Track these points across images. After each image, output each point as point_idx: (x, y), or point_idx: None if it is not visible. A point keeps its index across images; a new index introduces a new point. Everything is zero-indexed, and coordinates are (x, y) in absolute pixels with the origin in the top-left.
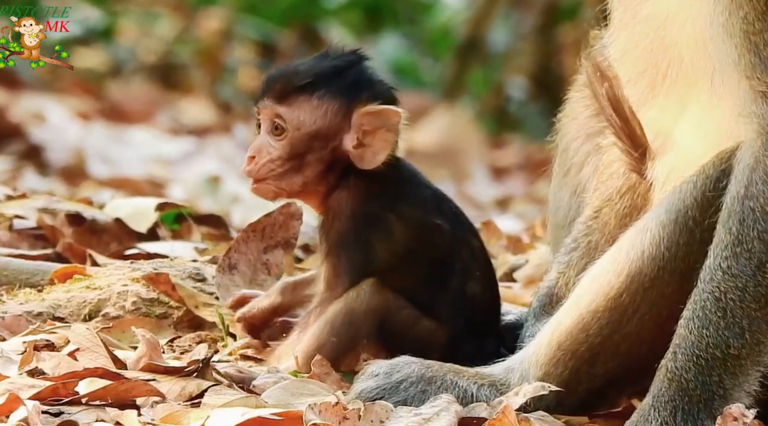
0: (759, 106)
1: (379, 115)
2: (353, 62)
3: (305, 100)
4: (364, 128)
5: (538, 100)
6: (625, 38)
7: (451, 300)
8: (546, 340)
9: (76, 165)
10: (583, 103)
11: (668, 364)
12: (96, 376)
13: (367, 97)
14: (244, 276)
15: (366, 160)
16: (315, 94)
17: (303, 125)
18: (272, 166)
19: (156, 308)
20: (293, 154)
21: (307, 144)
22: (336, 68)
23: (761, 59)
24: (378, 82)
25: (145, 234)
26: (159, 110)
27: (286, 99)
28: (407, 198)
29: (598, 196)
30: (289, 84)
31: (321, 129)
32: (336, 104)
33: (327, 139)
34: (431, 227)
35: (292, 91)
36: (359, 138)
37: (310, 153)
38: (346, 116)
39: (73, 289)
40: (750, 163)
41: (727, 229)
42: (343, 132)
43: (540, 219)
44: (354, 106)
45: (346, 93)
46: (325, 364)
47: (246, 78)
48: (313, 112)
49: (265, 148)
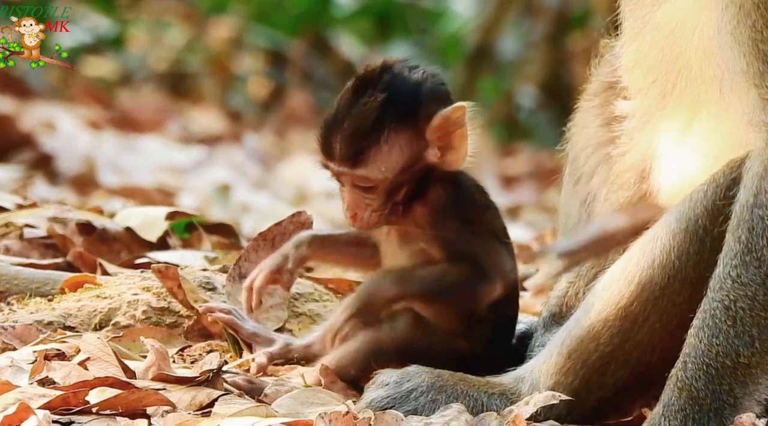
0: (767, 114)
1: (447, 121)
2: (390, 82)
3: (377, 152)
4: (440, 137)
5: (548, 109)
6: (636, 48)
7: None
8: (556, 350)
9: (86, 174)
10: (592, 112)
11: (678, 374)
12: (106, 386)
13: (426, 108)
14: None
15: (455, 163)
16: (381, 140)
17: (388, 172)
18: (377, 215)
19: (166, 317)
20: (390, 194)
21: (399, 181)
22: (383, 102)
23: None
24: (423, 82)
25: (155, 243)
26: (169, 119)
27: (358, 161)
28: (488, 208)
29: (609, 207)
30: (351, 147)
31: (405, 164)
32: (405, 135)
33: (413, 166)
34: (506, 244)
35: (359, 151)
36: (440, 147)
37: (404, 184)
38: (419, 138)
39: (83, 298)
40: (759, 171)
41: (736, 237)
42: (424, 150)
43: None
44: (422, 126)
45: (408, 118)
46: (331, 373)
47: (256, 86)
48: (390, 157)
49: (362, 202)
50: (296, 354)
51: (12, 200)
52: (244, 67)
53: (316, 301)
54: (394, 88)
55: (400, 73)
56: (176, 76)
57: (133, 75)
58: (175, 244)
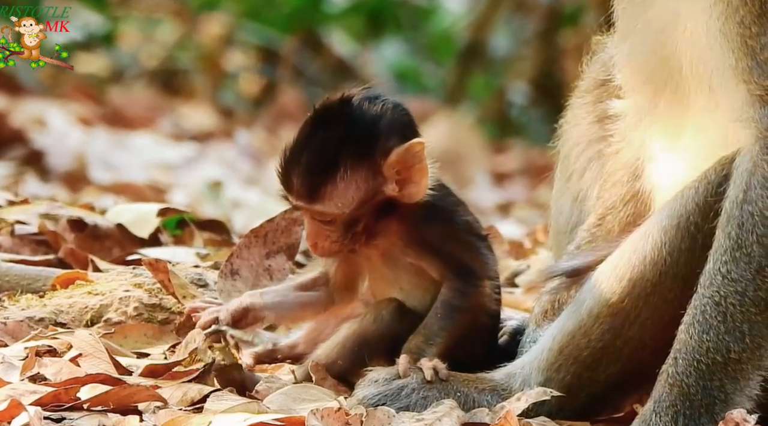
0: (756, 110)
1: (405, 156)
2: (347, 116)
3: (333, 189)
4: (398, 171)
5: (540, 106)
6: (629, 46)
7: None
8: (548, 346)
9: (77, 170)
10: (584, 109)
11: (669, 370)
12: (98, 382)
13: (384, 143)
14: (246, 281)
15: (414, 195)
16: (337, 177)
17: (345, 207)
18: (337, 245)
19: (158, 313)
20: (348, 228)
21: (357, 215)
22: (340, 139)
23: (758, 63)
24: (381, 117)
25: (146, 239)
26: (160, 116)
27: (314, 197)
28: (460, 209)
29: (602, 204)
30: (308, 182)
31: (362, 200)
32: (362, 172)
33: (371, 200)
34: (483, 237)
35: (314, 189)
36: (398, 181)
37: (363, 217)
38: (376, 174)
39: (75, 294)
40: (748, 167)
41: (726, 233)
42: (382, 185)
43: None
44: (378, 161)
45: (364, 155)
46: (321, 369)
47: (248, 83)
48: (346, 193)
49: (322, 233)
50: (282, 354)
51: (3, 197)
52: (235, 63)
53: None
54: (351, 123)
55: (359, 107)
56: (168, 72)
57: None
58: (167, 241)
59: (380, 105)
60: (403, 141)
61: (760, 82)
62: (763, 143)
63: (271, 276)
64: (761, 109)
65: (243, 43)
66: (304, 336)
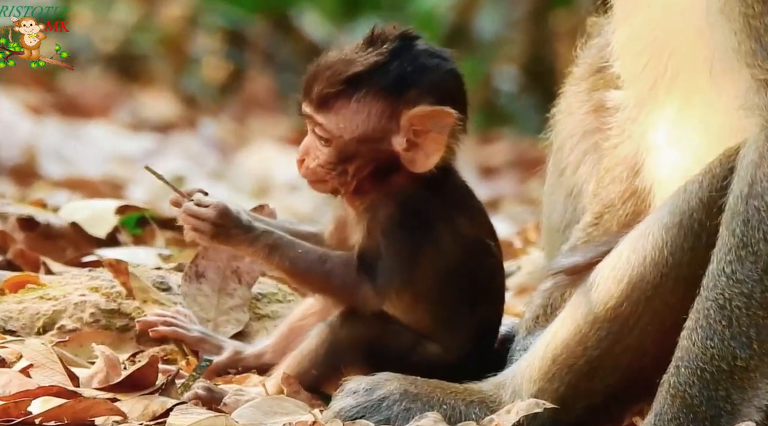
0: (762, 97)
1: (430, 117)
2: (398, 50)
3: (344, 106)
4: (414, 129)
5: (531, 93)
6: (627, 31)
7: (469, 329)
8: (540, 354)
9: (27, 164)
10: (579, 98)
11: (671, 379)
12: (51, 395)
13: (416, 94)
14: (213, 285)
15: (418, 163)
16: (354, 97)
17: (345, 132)
18: (322, 171)
19: (116, 320)
20: (340, 160)
21: (354, 149)
22: (377, 62)
23: (762, 45)
24: (430, 70)
25: (104, 239)
26: (118, 104)
27: (325, 105)
28: (462, 210)
29: (599, 202)
30: (325, 87)
31: (365, 133)
32: (380, 106)
33: (374, 142)
34: (482, 248)
35: (329, 97)
36: (410, 139)
37: (359, 157)
38: (393, 117)
39: (25, 299)
40: (754, 159)
41: (730, 231)
42: (392, 133)
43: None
44: (401, 107)
45: (391, 92)
46: (294, 382)
47: (213, 69)
48: (354, 117)
49: (313, 152)
50: (247, 363)
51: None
52: (199, 47)
53: (280, 302)
54: (398, 56)
55: (415, 49)
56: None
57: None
58: (126, 241)
59: (438, 62)
60: (438, 105)
61: (765, 66)
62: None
63: (240, 279)
64: (766, 96)
65: (207, 25)
66: (271, 344)
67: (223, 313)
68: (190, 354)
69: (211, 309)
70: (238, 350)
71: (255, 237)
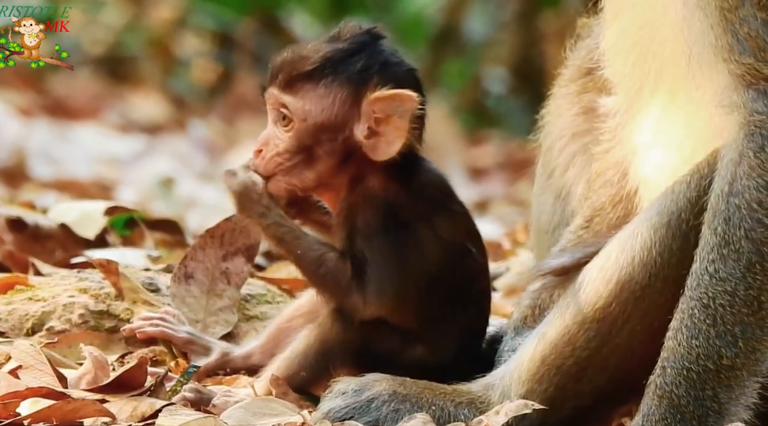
0: (740, 94)
1: (391, 101)
2: (365, 44)
3: (311, 89)
4: (375, 116)
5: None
6: (616, 30)
7: (454, 332)
8: (529, 355)
9: (16, 165)
10: (568, 99)
11: (657, 380)
12: (40, 396)
13: (378, 81)
14: (202, 286)
15: (379, 151)
16: (321, 81)
17: (309, 116)
18: (279, 159)
19: (105, 321)
20: (301, 147)
21: (315, 136)
22: (345, 52)
23: (738, 39)
24: (393, 63)
25: (92, 241)
26: (107, 106)
27: (292, 87)
28: (439, 211)
29: (589, 206)
30: (294, 70)
31: (329, 119)
32: (344, 92)
33: (336, 130)
34: (462, 251)
35: (297, 79)
36: (371, 127)
37: (319, 145)
38: (355, 104)
39: (14, 300)
40: (734, 157)
41: (712, 229)
42: (353, 121)
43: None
44: (363, 93)
45: (355, 79)
46: (283, 383)
47: (201, 70)
48: (320, 101)
49: (272, 141)
50: (235, 365)
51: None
52: (188, 49)
53: (269, 303)
54: (363, 47)
55: (380, 43)
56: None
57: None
58: (115, 242)
59: (400, 61)
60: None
61: (742, 60)
62: (747, 129)
63: (229, 280)
64: (744, 93)
65: (196, 26)
66: (260, 346)
67: (211, 314)
68: (179, 355)
69: (199, 310)
70: (226, 352)
71: (267, 225)
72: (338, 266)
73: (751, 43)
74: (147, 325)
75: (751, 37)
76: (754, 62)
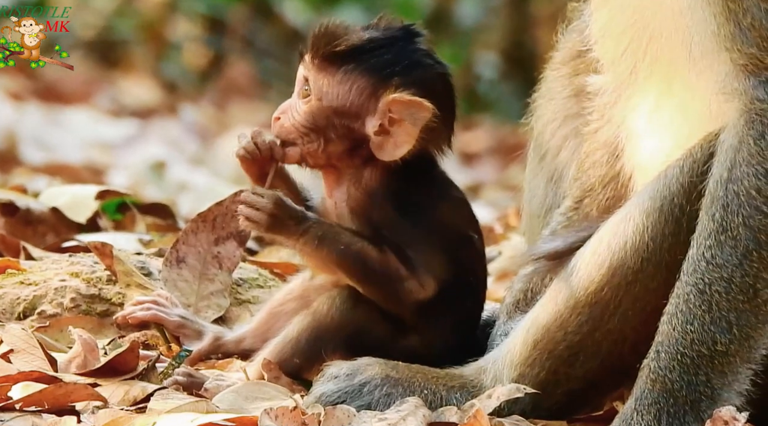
0: (741, 81)
1: (408, 106)
2: (396, 39)
3: (332, 72)
4: (390, 115)
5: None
6: (606, 15)
7: (447, 324)
8: (521, 339)
9: (7, 150)
10: (560, 82)
11: (651, 364)
12: (31, 380)
13: (400, 82)
14: (194, 270)
15: (385, 151)
16: (343, 67)
17: (325, 97)
18: (294, 131)
19: (97, 305)
20: (314, 125)
21: (327, 118)
22: (374, 42)
23: (741, 29)
24: (421, 65)
25: (84, 224)
26: (98, 90)
27: (318, 64)
28: (443, 199)
29: (579, 186)
30: (324, 48)
31: (342, 106)
32: (363, 83)
33: (348, 118)
34: (464, 239)
35: (323, 57)
36: (383, 125)
37: (331, 128)
38: (372, 98)
39: (5, 284)
40: (733, 143)
41: (710, 215)
42: (367, 114)
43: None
44: (383, 89)
45: (378, 73)
46: (274, 367)
47: (193, 55)
48: (337, 85)
49: (293, 110)
50: (227, 349)
51: None
52: (179, 33)
53: (261, 287)
54: (394, 43)
55: (414, 41)
56: (105, 43)
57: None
58: (106, 226)
59: (433, 64)
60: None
61: (744, 50)
62: (748, 117)
63: (221, 264)
64: (746, 80)
65: (187, 10)
66: (252, 330)
67: (203, 299)
68: (171, 339)
69: (191, 294)
70: (218, 336)
71: (306, 228)
72: (382, 257)
73: (754, 33)
74: (138, 310)
75: (754, 27)
76: (757, 52)
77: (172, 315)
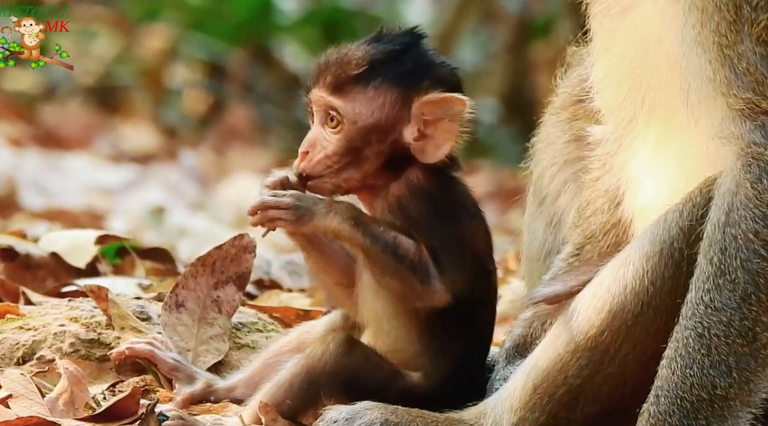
0: (737, 125)
1: (442, 104)
2: (410, 44)
3: (361, 91)
4: (425, 118)
5: (510, 124)
6: (606, 64)
7: (452, 356)
8: (521, 383)
9: (7, 195)
10: (559, 127)
11: (651, 408)
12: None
13: (428, 83)
14: (193, 314)
15: (429, 153)
16: (371, 83)
17: (360, 118)
18: (328, 162)
19: (96, 350)
20: (350, 148)
21: (365, 138)
22: (390, 53)
23: (737, 74)
24: (439, 64)
25: (83, 269)
26: (98, 136)
27: (341, 90)
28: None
29: (580, 233)
30: (343, 73)
31: (379, 121)
32: (394, 94)
33: (386, 132)
34: (484, 266)
35: (346, 81)
36: (420, 129)
37: (368, 147)
38: (405, 106)
39: (5, 329)
40: (730, 187)
41: (708, 259)
42: (403, 123)
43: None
44: (413, 95)
45: (405, 81)
46: (272, 410)
47: (192, 100)
48: (370, 103)
49: (320, 143)
50: (218, 396)
51: None
52: (179, 79)
53: (260, 332)
54: (409, 48)
55: (423, 44)
56: (105, 89)
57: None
58: (106, 271)
59: (443, 60)
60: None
61: (740, 95)
62: (745, 160)
63: (220, 308)
64: (742, 124)
65: (187, 56)
66: (245, 379)
67: (203, 343)
68: (164, 382)
69: (191, 338)
70: (210, 382)
71: (338, 210)
72: (416, 249)
73: (749, 78)
74: (135, 344)
75: (749, 71)
76: (753, 96)
77: (167, 357)
